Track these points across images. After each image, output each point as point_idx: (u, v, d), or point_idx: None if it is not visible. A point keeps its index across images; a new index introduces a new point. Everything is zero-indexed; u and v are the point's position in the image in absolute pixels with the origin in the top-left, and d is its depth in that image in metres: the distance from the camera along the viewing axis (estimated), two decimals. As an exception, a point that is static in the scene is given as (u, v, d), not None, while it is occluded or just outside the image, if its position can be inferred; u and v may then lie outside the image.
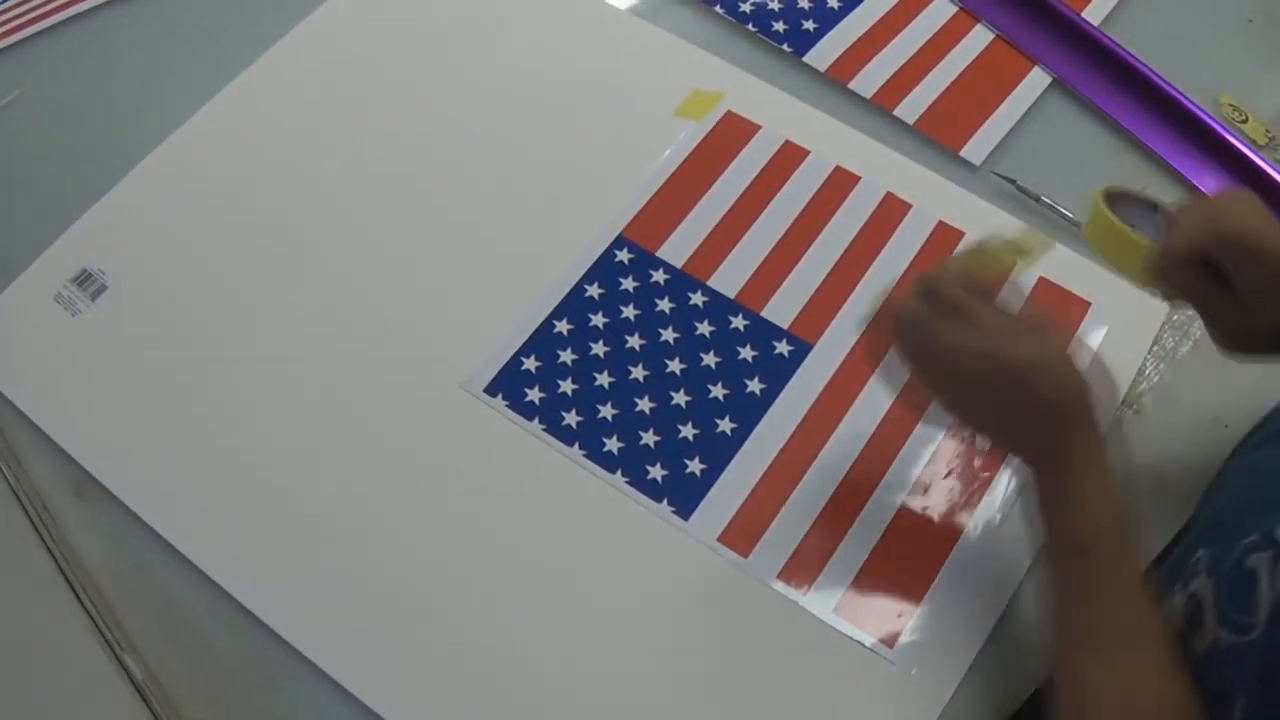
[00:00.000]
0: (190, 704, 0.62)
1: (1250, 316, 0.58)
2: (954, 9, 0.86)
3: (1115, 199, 0.65)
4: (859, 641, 0.62)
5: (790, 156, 0.78)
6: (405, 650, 0.63)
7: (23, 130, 0.83)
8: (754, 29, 0.84)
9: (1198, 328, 0.72)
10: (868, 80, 0.82)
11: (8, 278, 0.75)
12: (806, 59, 0.83)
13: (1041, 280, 0.73)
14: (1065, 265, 0.73)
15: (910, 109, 0.80)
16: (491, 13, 0.87)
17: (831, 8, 0.86)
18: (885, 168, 0.78)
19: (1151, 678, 0.53)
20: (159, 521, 0.66)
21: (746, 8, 0.85)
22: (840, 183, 0.77)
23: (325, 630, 0.63)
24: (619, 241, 0.75)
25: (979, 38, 0.85)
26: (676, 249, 0.75)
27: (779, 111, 0.80)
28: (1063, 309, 0.72)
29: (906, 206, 0.76)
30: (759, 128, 0.79)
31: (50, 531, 0.67)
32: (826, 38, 0.84)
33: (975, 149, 0.79)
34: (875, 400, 0.69)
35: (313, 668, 0.62)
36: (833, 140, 0.79)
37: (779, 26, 0.85)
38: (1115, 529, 0.55)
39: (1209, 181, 0.77)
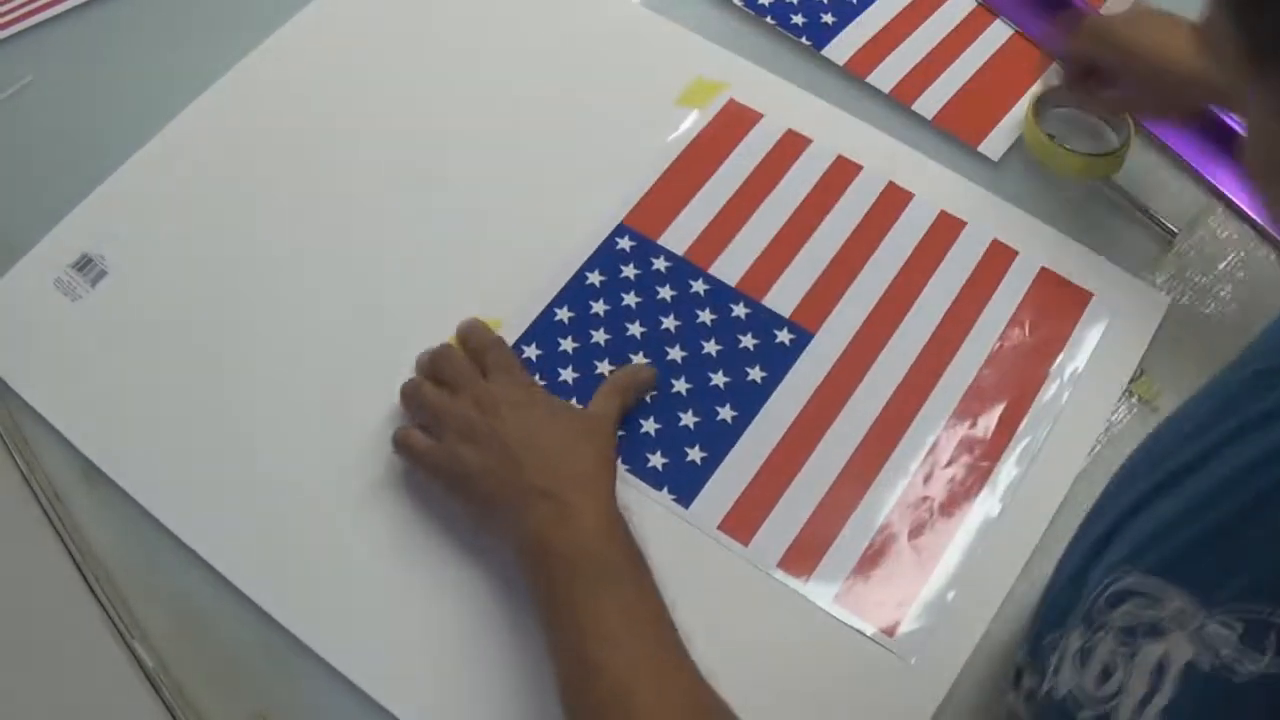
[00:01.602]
0: (201, 693, 0.63)
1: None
2: (973, 4, 0.85)
3: (1050, 100, 0.79)
4: (859, 630, 0.63)
5: (792, 145, 0.78)
6: (410, 641, 0.63)
7: (33, 116, 0.82)
8: (772, 21, 0.84)
9: (1211, 322, 0.72)
10: (886, 75, 0.81)
11: (9, 263, 0.75)
12: (824, 52, 0.82)
13: (1043, 270, 0.73)
14: (1069, 256, 0.74)
15: (928, 104, 0.80)
16: (493, 1, 0.86)
17: (850, 1, 0.85)
18: (888, 157, 0.78)
19: (681, 674, 0.54)
20: (162, 511, 0.66)
21: (765, 0, 0.85)
22: (842, 171, 0.77)
23: (332, 622, 0.64)
24: (620, 229, 0.75)
25: (998, 33, 0.84)
26: (678, 237, 0.75)
27: (781, 100, 0.80)
28: (1064, 300, 0.72)
29: (908, 196, 0.76)
30: (761, 116, 0.79)
31: (62, 519, 0.67)
32: (845, 31, 0.83)
33: (993, 144, 0.78)
34: (876, 389, 0.69)
35: (323, 657, 0.63)
36: (835, 129, 0.79)
37: (797, 20, 0.84)
38: (624, 550, 0.58)
39: (1223, 175, 0.77)
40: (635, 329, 0.72)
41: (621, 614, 0.56)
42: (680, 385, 0.70)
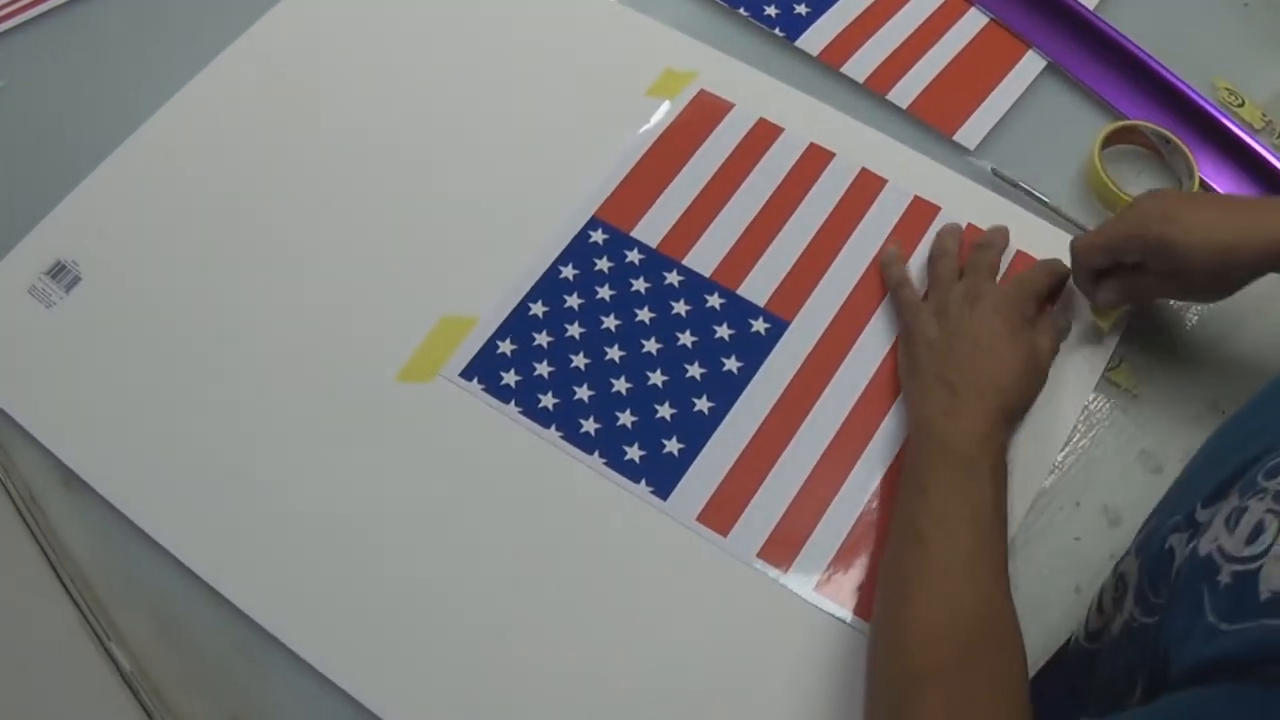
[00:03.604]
0: (178, 695, 0.63)
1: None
2: (947, -8, 0.85)
3: (1121, 135, 0.76)
4: (840, 618, 0.62)
5: (764, 134, 0.78)
6: (387, 638, 0.63)
7: (6, 121, 0.82)
8: (745, 13, 0.83)
9: (1194, 314, 0.72)
10: (860, 65, 0.81)
11: (-15, 272, 0.75)
12: (798, 43, 0.82)
13: (1019, 254, 0.73)
14: (1045, 240, 0.73)
15: (903, 94, 0.79)
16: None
17: (824, -9, 0.84)
18: (860, 143, 0.77)
19: (990, 574, 0.56)
20: (140, 516, 0.66)
21: (738, -9, 0.84)
22: (814, 159, 0.76)
23: (309, 621, 0.63)
24: (593, 222, 0.75)
25: (973, 21, 0.84)
26: (651, 229, 0.74)
27: (752, 90, 0.80)
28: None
29: (882, 182, 0.75)
30: (732, 106, 0.79)
31: (38, 522, 0.67)
32: (819, 22, 0.83)
33: (969, 133, 0.78)
34: (853, 376, 0.69)
35: (299, 658, 0.62)
36: (807, 117, 0.78)
37: (771, 11, 0.83)
38: (988, 454, 0.60)
39: (1206, 166, 0.76)
40: (610, 322, 0.71)
41: (964, 507, 0.58)
42: (656, 377, 0.69)
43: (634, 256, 0.74)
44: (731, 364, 0.70)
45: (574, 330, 0.71)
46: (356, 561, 0.65)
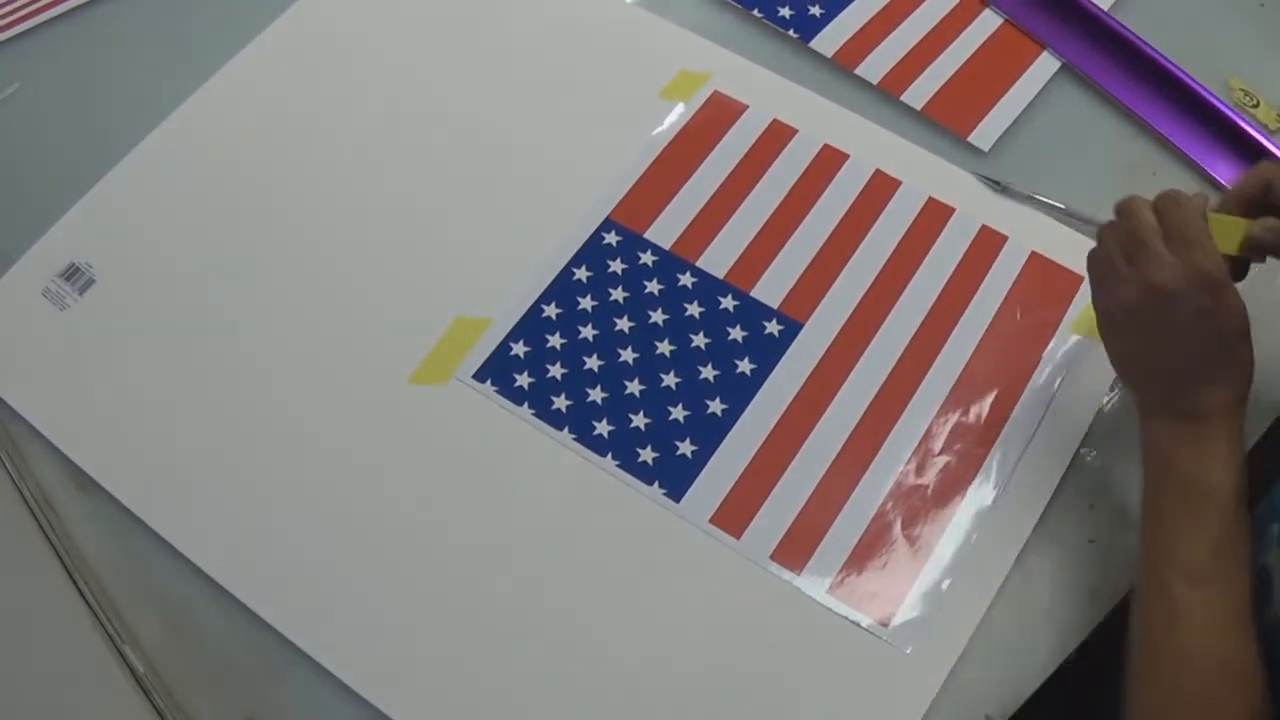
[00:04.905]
0: (190, 696, 0.63)
1: None
2: (962, -7, 0.85)
3: None
4: (854, 621, 0.62)
5: (778, 135, 0.77)
6: (400, 640, 0.63)
7: (20, 123, 0.83)
8: (759, 15, 0.83)
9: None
10: (874, 66, 0.81)
11: (-1, 273, 0.76)
12: (812, 45, 0.82)
13: (1033, 255, 0.72)
14: (1059, 240, 0.73)
15: (917, 95, 0.79)
16: (475, -4, 0.86)
17: (838, -8, 0.84)
18: (874, 145, 0.77)
19: (1235, 622, 0.53)
20: (153, 517, 0.67)
21: (751, -8, 0.84)
22: (828, 161, 0.76)
23: (321, 622, 0.64)
24: (606, 224, 0.75)
25: (987, 22, 0.83)
26: (665, 230, 0.74)
27: (766, 91, 0.80)
28: (1055, 284, 0.71)
29: (895, 183, 0.75)
30: (746, 107, 0.79)
31: (52, 525, 0.68)
32: (833, 23, 0.83)
33: (983, 135, 0.77)
34: (867, 379, 0.69)
35: (312, 659, 0.62)
36: (821, 119, 0.78)
37: (785, 12, 0.83)
38: (1239, 484, 0.55)
39: (1220, 166, 0.76)
40: (623, 324, 0.71)
41: (1205, 548, 0.55)
42: (670, 379, 0.69)
43: (647, 258, 0.73)
44: (745, 366, 0.69)
45: (587, 332, 0.71)
46: (368, 563, 0.65)
